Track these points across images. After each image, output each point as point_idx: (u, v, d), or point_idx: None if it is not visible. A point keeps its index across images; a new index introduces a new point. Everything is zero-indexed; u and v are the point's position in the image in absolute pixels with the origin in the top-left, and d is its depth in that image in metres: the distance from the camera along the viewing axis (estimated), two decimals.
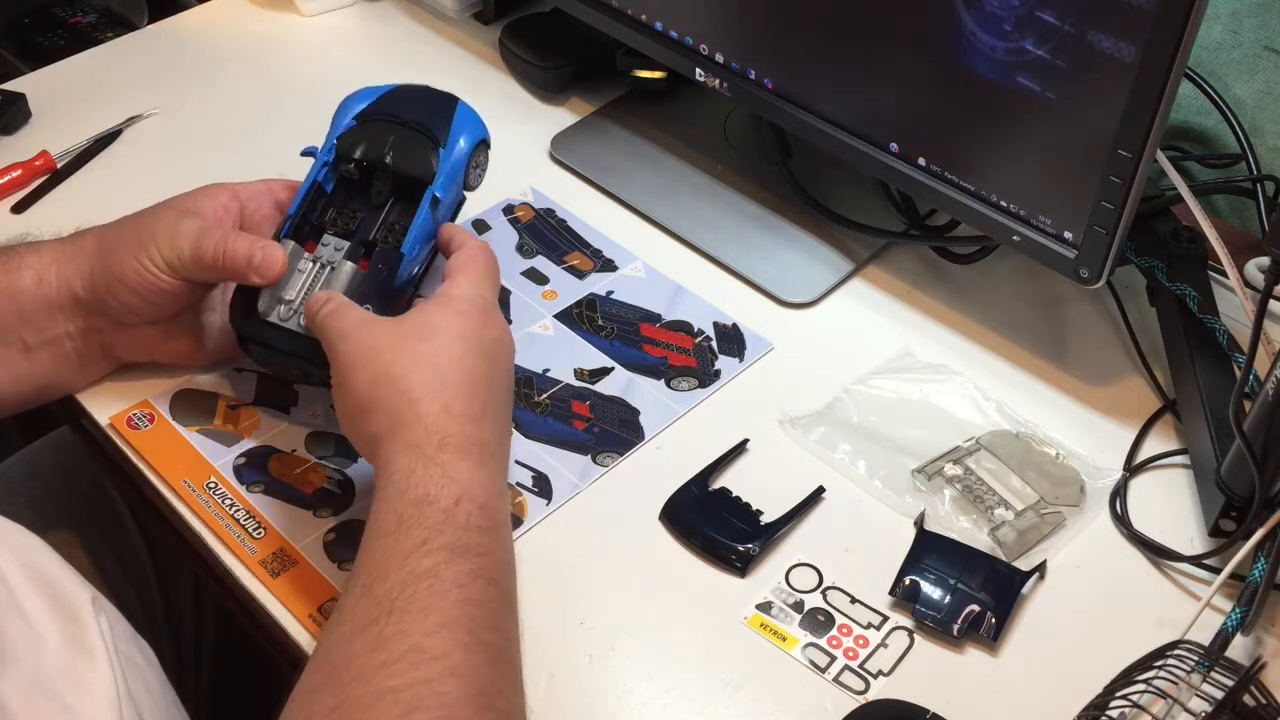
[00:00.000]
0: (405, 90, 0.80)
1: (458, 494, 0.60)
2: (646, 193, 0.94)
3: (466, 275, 0.69)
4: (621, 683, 0.65)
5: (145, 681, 0.59)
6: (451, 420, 0.62)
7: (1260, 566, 0.64)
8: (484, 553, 0.59)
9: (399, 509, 0.59)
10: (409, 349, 0.64)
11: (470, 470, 0.61)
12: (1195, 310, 0.77)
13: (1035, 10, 0.68)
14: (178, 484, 0.73)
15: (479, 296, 0.69)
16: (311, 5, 1.13)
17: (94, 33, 1.36)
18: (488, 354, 0.66)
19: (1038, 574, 0.69)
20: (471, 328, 0.66)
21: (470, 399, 0.64)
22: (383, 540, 0.58)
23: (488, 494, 0.61)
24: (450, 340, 0.65)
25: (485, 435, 0.63)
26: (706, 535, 0.71)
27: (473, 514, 0.60)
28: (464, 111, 0.80)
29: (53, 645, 0.55)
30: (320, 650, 0.56)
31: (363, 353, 0.65)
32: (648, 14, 0.91)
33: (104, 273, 0.71)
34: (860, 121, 0.82)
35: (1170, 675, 0.61)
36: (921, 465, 0.75)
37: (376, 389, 0.63)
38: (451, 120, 0.78)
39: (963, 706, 0.64)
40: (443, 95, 0.81)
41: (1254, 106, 0.94)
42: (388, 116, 0.78)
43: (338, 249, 0.74)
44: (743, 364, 0.82)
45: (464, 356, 0.65)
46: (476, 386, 0.64)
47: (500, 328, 0.69)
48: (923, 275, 0.89)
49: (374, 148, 0.76)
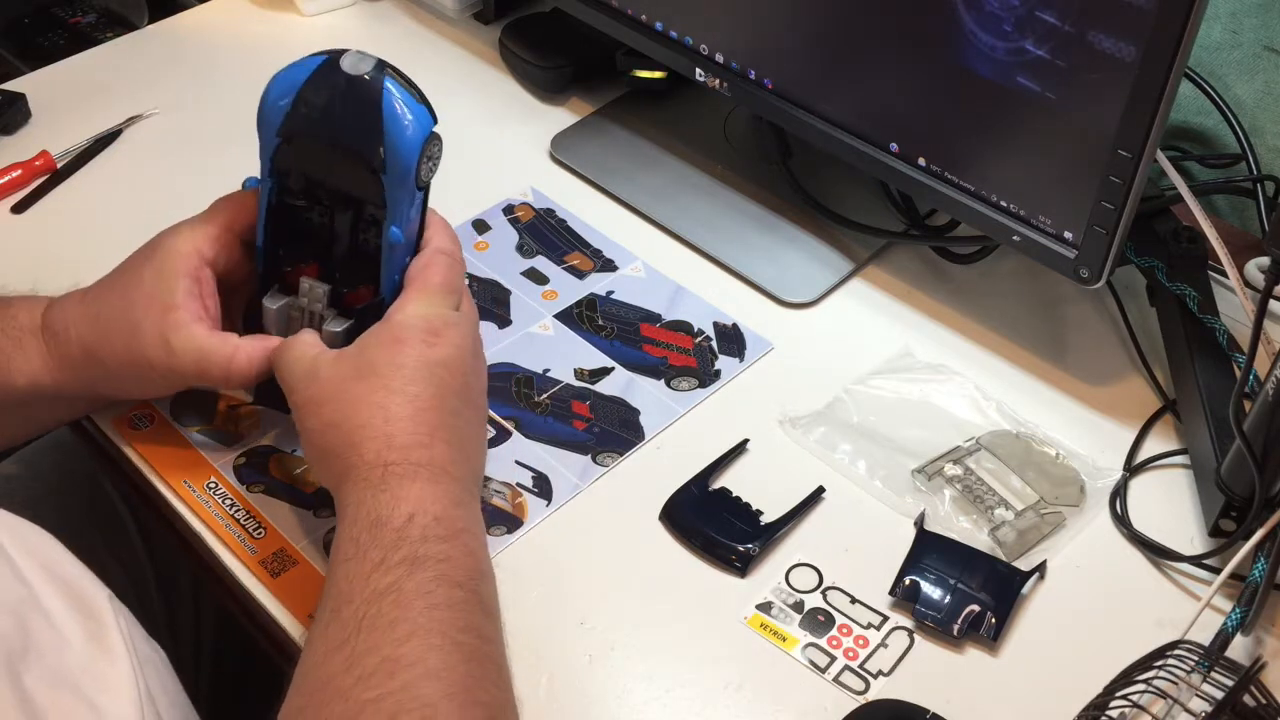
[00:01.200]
0: (327, 79, 0.67)
1: (409, 511, 0.60)
2: (646, 193, 0.94)
3: (415, 292, 0.68)
4: (621, 683, 0.65)
5: (161, 680, 0.60)
6: (393, 451, 0.62)
7: (1260, 566, 0.64)
8: (444, 559, 0.59)
9: (354, 535, 0.60)
10: (349, 392, 0.64)
11: (421, 489, 0.61)
12: (1195, 310, 0.77)
13: (1035, 10, 0.68)
14: (178, 484, 0.73)
15: (421, 317, 0.66)
16: (311, 5, 1.13)
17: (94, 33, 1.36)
18: (433, 376, 0.65)
19: (1038, 574, 0.69)
20: (411, 354, 0.65)
21: (414, 428, 0.63)
22: (345, 565, 0.59)
23: (442, 506, 0.61)
24: (389, 373, 0.64)
25: (436, 455, 0.63)
26: (706, 535, 0.71)
27: (428, 526, 0.60)
28: (392, 109, 0.66)
29: (76, 643, 0.56)
30: (298, 675, 0.57)
31: (309, 404, 0.65)
32: (648, 14, 0.91)
33: (105, 384, 0.71)
34: (860, 121, 0.82)
35: (1170, 675, 0.61)
36: (921, 465, 0.75)
37: (324, 437, 0.64)
38: (382, 128, 0.66)
39: (963, 706, 0.64)
40: (367, 88, 0.66)
41: (1254, 106, 0.94)
42: (314, 135, 0.68)
43: (318, 299, 0.70)
44: (743, 364, 0.82)
45: (406, 386, 0.64)
46: (421, 412, 0.64)
47: (449, 344, 0.66)
48: (923, 275, 0.89)
49: (314, 172, 0.69)
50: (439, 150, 0.71)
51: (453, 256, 0.71)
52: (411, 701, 0.53)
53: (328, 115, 0.67)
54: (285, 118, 0.67)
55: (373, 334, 0.66)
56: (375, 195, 0.68)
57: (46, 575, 0.58)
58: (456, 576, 0.59)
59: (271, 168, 0.69)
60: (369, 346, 0.66)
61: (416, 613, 0.57)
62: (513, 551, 0.71)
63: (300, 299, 0.71)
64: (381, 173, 0.67)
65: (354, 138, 0.67)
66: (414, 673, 0.54)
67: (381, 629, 0.56)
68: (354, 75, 0.67)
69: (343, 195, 0.70)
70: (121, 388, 0.72)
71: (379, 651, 0.55)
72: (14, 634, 0.53)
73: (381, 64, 0.68)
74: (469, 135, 1.00)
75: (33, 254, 0.89)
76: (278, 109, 0.68)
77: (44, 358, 0.70)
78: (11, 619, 0.54)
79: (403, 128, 0.67)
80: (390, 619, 0.56)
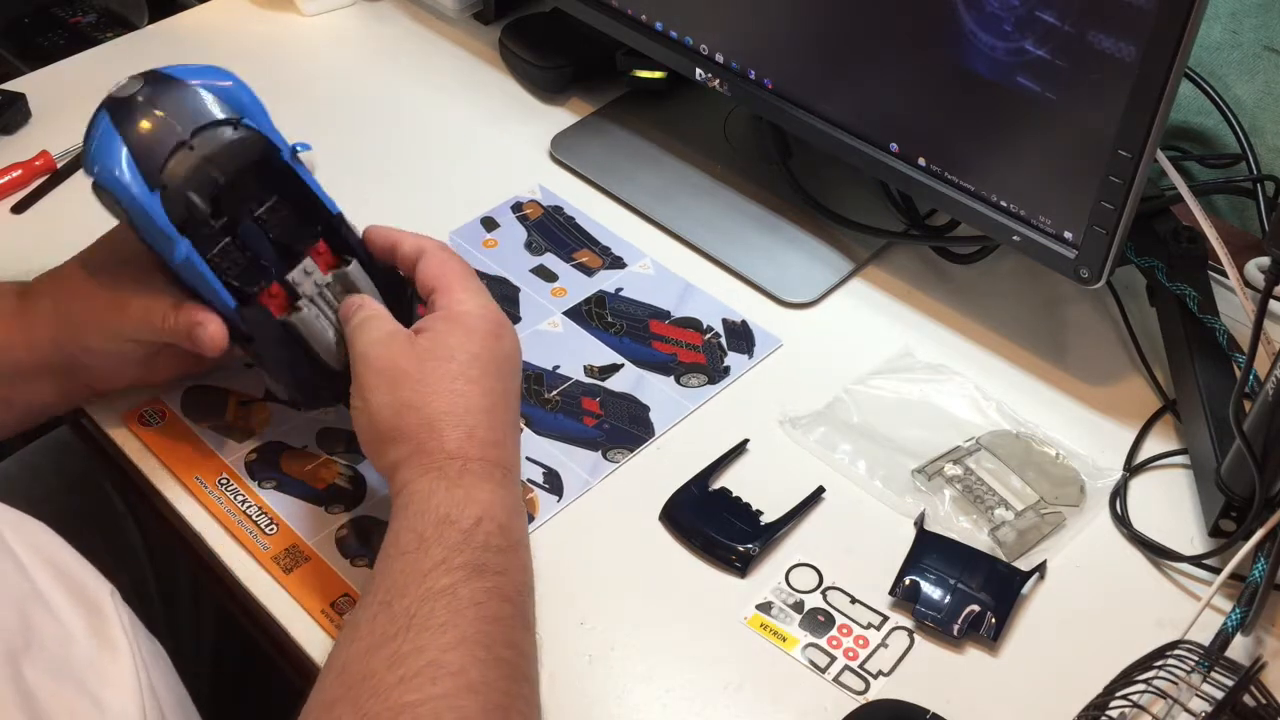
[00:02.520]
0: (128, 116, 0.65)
1: (478, 514, 0.60)
2: (647, 193, 0.94)
3: (461, 286, 0.68)
4: (621, 683, 0.65)
5: (164, 676, 0.60)
6: (474, 446, 0.62)
7: (1260, 566, 0.64)
8: (501, 571, 0.59)
9: (419, 528, 0.60)
10: (430, 375, 0.63)
11: (492, 492, 0.61)
12: (1195, 310, 0.77)
13: (1035, 10, 0.68)
14: (190, 480, 0.73)
15: (484, 308, 0.67)
16: (311, 5, 1.13)
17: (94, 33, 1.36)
18: (503, 372, 0.66)
19: (1038, 574, 0.69)
20: (487, 347, 0.65)
21: (492, 422, 0.64)
22: (403, 558, 0.59)
23: (508, 514, 0.62)
24: (468, 363, 0.64)
25: (507, 456, 0.64)
26: (706, 535, 0.71)
27: (492, 534, 0.60)
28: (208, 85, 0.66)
29: (78, 637, 0.56)
30: (335, 663, 0.57)
31: (383, 378, 0.64)
32: (648, 14, 0.91)
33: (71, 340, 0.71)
34: (860, 121, 0.82)
35: (1170, 675, 0.61)
36: (921, 465, 0.75)
37: (399, 418, 0.63)
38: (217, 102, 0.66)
39: (963, 706, 0.64)
40: (169, 87, 0.66)
41: (1254, 106, 0.94)
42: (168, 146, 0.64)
43: (308, 272, 0.68)
44: (752, 360, 0.82)
45: (483, 378, 0.64)
46: (496, 409, 0.64)
47: (511, 340, 0.68)
48: (923, 275, 0.89)
49: (201, 183, 0.65)
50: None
51: (447, 247, 0.71)
52: (450, 713, 0.53)
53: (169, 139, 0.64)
54: (137, 174, 0.63)
55: (443, 321, 0.66)
56: (255, 143, 0.66)
57: (49, 570, 0.58)
58: (508, 591, 0.59)
59: (178, 227, 0.65)
60: (445, 332, 0.65)
61: (468, 621, 0.56)
62: None
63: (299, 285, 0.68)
64: (242, 117, 0.66)
65: (187, 109, 0.65)
66: (456, 683, 0.54)
67: (432, 631, 0.55)
68: (131, 94, 0.65)
69: (231, 182, 0.66)
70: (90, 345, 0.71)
71: (425, 654, 0.55)
72: (16, 627, 0.53)
73: (147, 74, 0.66)
74: (469, 135, 1.00)
75: (33, 254, 0.88)
76: (124, 181, 0.63)
77: (19, 319, 0.71)
78: (14, 612, 0.54)
79: (233, 90, 0.67)
80: (441, 622, 0.56)
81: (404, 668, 0.54)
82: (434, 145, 0.99)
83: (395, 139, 1.00)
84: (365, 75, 1.07)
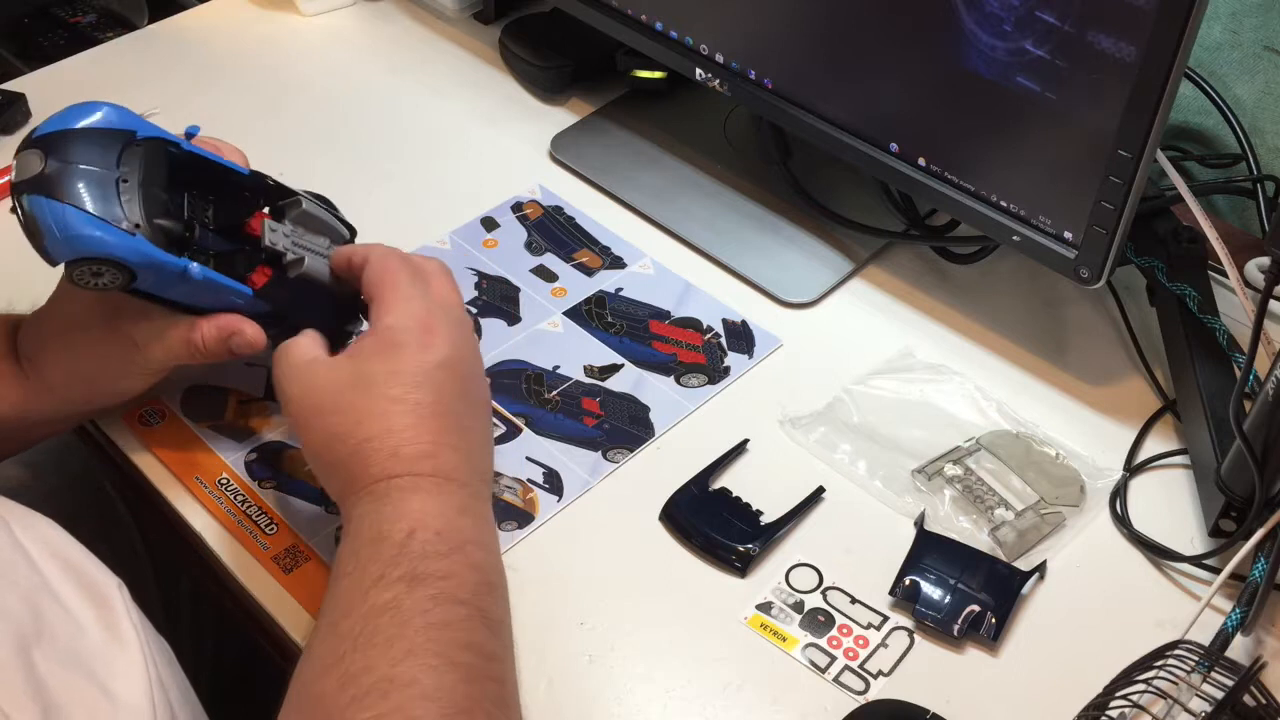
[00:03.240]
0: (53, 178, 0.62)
1: (409, 527, 0.59)
2: (647, 193, 0.94)
3: (392, 296, 0.66)
4: (621, 683, 0.65)
5: (171, 670, 0.61)
6: (399, 463, 0.61)
7: (1260, 566, 0.64)
8: (445, 575, 0.58)
9: (355, 549, 0.60)
10: (350, 403, 0.63)
11: (422, 502, 0.60)
12: (1195, 310, 0.77)
13: (1035, 10, 0.68)
14: (190, 481, 0.73)
15: (410, 317, 0.65)
16: (311, 5, 1.13)
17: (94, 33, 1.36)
18: (433, 381, 0.64)
19: (1038, 574, 0.69)
20: (409, 361, 0.64)
21: (418, 435, 0.62)
22: (343, 580, 0.59)
23: (445, 519, 0.60)
24: (388, 384, 0.63)
25: (441, 463, 0.62)
26: (706, 535, 0.71)
27: (428, 541, 0.59)
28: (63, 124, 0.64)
29: (89, 629, 0.57)
30: (291, 692, 0.57)
31: (307, 414, 0.64)
32: (648, 14, 0.91)
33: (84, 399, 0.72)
34: (860, 121, 0.82)
35: (1170, 675, 0.61)
36: (921, 465, 0.75)
37: (330, 450, 0.63)
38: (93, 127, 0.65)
39: (963, 706, 0.64)
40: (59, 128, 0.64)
41: (1254, 106, 0.94)
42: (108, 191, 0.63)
43: (273, 229, 0.69)
44: (752, 360, 0.82)
45: (406, 395, 0.63)
46: (424, 421, 0.63)
47: (445, 343, 0.65)
48: (923, 275, 0.89)
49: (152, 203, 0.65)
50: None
51: (395, 251, 0.70)
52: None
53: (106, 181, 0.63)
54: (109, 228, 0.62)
55: (367, 341, 0.65)
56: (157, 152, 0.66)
57: (59, 564, 0.58)
58: (459, 594, 0.58)
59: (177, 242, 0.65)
60: (364, 354, 0.64)
61: (414, 631, 0.56)
62: (523, 548, 0.71)
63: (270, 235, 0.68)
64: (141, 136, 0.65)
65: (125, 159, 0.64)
66: (408, 694, 0.54)
67: (379, 647, 0.55)
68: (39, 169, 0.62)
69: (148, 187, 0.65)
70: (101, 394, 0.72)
71: (375, 671, 0.54)
72: (27, 619, 0.54)
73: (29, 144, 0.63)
74: (469, 135, 1.00)
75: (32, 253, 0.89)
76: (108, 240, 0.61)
77: (21, 386, 0.71)
78: (24, 604, 0.54)
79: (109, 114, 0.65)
80: (387, 637, 0.56)
81: (355, 687, 0.54)
82: (434, 145, 0.99)
83: (395, 139, 1.00)
84: (365, 75, 1.07)
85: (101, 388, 0.72)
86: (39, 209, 0.61)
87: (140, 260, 0.62)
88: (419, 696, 0.54)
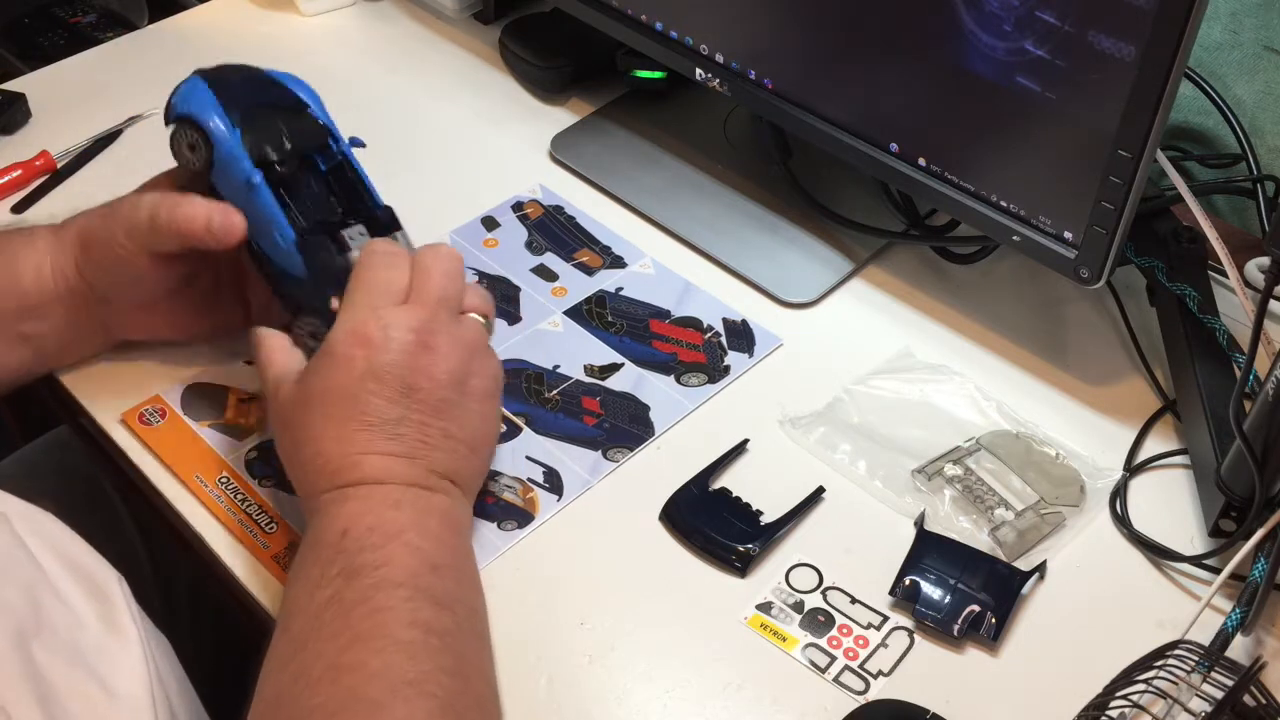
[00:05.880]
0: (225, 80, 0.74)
1: (342, 527, 0.61)
2: (647, 193, 0.94)
3: (346, 307, 0.67)
4: (621, 683, 0.65)
5: (170, 666, 0.61)
6: (325, 478, 0.63)
7: (1260, 566, 0.64)
8: (381, 564, 0.60)
9: (301, 556, 0.62)
10: (295, 421, 0.65)
11: (353, 506, 0.62)
12: (1195, 310, 0.77)
13: (1035, 10, 0.68)
14: (190, 479, 0.73)
15: (346, 330, 0.65)
16: (311, 5, 1.13)
17: (94, 33, 1.36)
18: (364, 389, 0.64)
19: (1038, 574, 0.69)
20: (340, 372, 0.64)
21: (342, 449, 0.63)
22: (291, 587, 0.61)
23: (375, 515, 0.62)
24: (322, 399, 0.65)
25: (369, 470, 0.63)
26: (706, 535, 0.71)
27: (361, 536, 0.61)
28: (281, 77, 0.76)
29: (89, 624, 0.57)
30: (255, 696, 0.58)
31: (276, 426, 0.68)
32: (648, 14, 0.91)
33: (86, 261, 0.73)
34: (860, 121, 0.82)
35: (1170, 675, 0.61)
36: (921, 465, 0.75)
37: (287, 465, 0.67)
38: (285, 84, 0.76)
39: (963, 706, 0.64)
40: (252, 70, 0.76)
41: (1254, 106, 0.94)
42: (248, 107, 0.73)
43: (362, 234, 0.72)
44: (752, 359, 0.82)
45: (333, 409, 0.64)
46: (349, 434, 0.64)
47: (382, 349, 0.64)
48: (923, 275, 0.89)
49: (272, 137, 0.72)
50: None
51: (386, 252, 0.69)
52: (356, 703, 0.54)
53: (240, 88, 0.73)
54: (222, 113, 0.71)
55: (316, 356, 0.67)
56: (318, 131, 0.74)
57: (59, 559, 0.58)
58: (397, 577, 0.59)
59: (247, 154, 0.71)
60: (308, 372, 0.66)
61: (357, 619, 0.57)
62: (523, 547, 0.71)
63: (349, 240, 0.72)
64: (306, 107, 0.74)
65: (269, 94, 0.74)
66: (356, 676, 0.55)
67: (325, 639, 0.57)
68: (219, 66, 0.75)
69: (299, 153, 0.72)
70: (101, 262, 0.72)
71: (323, 659, 0.56)
72: (27, 612, 0.54)
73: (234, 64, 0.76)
74: (469, 135, 1.00)
75: None
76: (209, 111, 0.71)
77: (47, 243, 0.73)
78: (24, 597, 0.55)
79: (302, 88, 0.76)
80: (333, 630, 0.57)
81: (307, 677, 0.56)
82: (434, 145, 0.99)
83: (395, 139, 1.00)
84: (365, 75, 1.07)
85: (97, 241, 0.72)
86: (189, 81, 0.74)
87: (223, 146, 0.70)
88: (367, 678, 0.55)
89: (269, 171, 0.71)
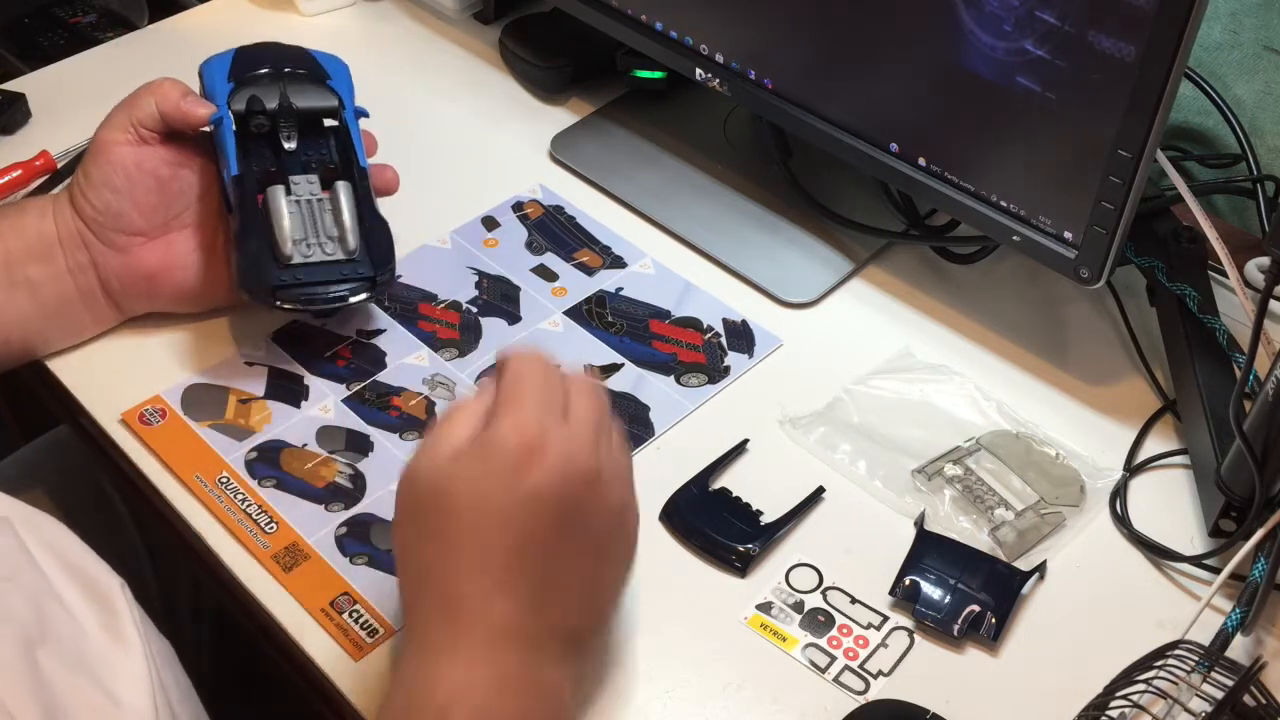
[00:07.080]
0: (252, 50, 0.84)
1: (442, 703, 0.53)
2: (647, 193, 0.94)
3: (509, 399, 0.57)
4: (621, 683, 0.65)
5: (173, 672, 0.61)
6: (448, 612, 0.55)
7: (1260, 566, 0.64)
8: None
9: (391, 709, 0.56)
10: (423, 525, 0.56)
11: (463, 671, 0.54)
12: (1195, 310, 0.77)
13: (1035, 10, 0.68)
14: (190, 479, 0.73)
15: (514, 429, 0.55)
16: (311, 5, 1.13)
17: (94, 33, 1.36)
18: (525, 510, 0.55)
19: (1038, 574, 0.69)
20: (504, 485, 0.55)
21: (476, 582, 0.55)
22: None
23: (483, 694, 0.54)
24: (470, 509, 0.55)
25: (497, 613, 0.54)
26: (706, 535, 0.71)
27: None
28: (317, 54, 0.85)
29: (92, 631, 0.57)
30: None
31: (401, 507, 0.58)
32: (648, 14, 0.91)
33: (84, 183, 0.76)
34: (860, 121, 0.82)
35: (1170, 675, 0.61)
36: (921, 465, 0.75)
37: (402, 559, 0.59)
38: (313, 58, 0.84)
39: (963, 706, 0.64)
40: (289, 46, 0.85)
41: (1254, 106, 0.94)
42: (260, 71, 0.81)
43: (310, 183, 0.79)
44: (752, 360, 0.82)
45: (478, 527, 0.55)
46: (491, 565, 0.55)
47: (545, 468, 0.55)
48: (923, 275, 0.89)
49: (271, 97, 0.79)
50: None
51: (537, 358, 0.60)
52: None
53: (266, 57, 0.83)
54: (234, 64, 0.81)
55: (468, 452, 0.56)
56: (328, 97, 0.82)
57: (62, 565, 0.58)
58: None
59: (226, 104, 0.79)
60: (462, 467, 0.56)
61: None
62: None
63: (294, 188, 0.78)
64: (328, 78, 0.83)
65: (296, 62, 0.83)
66: None
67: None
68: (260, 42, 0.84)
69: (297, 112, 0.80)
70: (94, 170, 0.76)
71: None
72: (32, 621, 0.54)
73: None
74: (469, 135, 1.00)
75: None
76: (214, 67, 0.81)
77: (52, 199, 0.78)
78: (29, 606, 0.55)
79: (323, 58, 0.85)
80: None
81: None
82: (434, 145, 0.99)
83: (395, 139, 0.99)
84: (365, 75, 1.07)
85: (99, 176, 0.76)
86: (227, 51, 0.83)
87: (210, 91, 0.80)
88: None
89: (246, 120, 0.78)
